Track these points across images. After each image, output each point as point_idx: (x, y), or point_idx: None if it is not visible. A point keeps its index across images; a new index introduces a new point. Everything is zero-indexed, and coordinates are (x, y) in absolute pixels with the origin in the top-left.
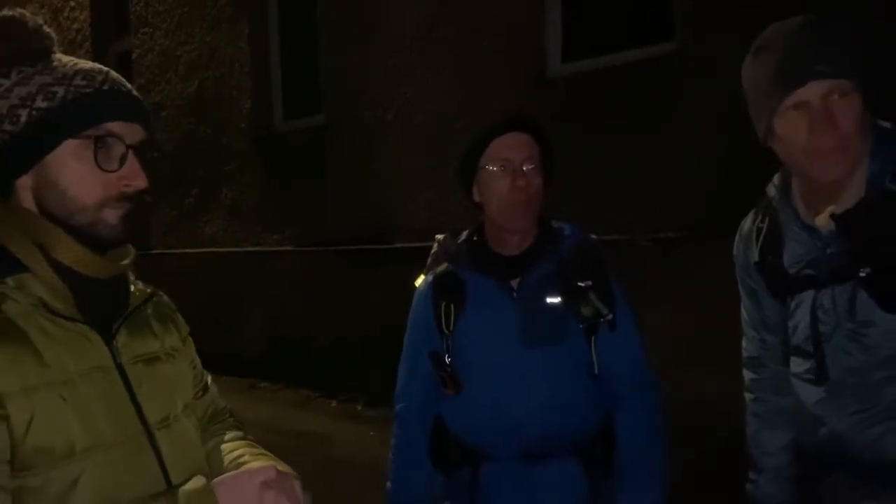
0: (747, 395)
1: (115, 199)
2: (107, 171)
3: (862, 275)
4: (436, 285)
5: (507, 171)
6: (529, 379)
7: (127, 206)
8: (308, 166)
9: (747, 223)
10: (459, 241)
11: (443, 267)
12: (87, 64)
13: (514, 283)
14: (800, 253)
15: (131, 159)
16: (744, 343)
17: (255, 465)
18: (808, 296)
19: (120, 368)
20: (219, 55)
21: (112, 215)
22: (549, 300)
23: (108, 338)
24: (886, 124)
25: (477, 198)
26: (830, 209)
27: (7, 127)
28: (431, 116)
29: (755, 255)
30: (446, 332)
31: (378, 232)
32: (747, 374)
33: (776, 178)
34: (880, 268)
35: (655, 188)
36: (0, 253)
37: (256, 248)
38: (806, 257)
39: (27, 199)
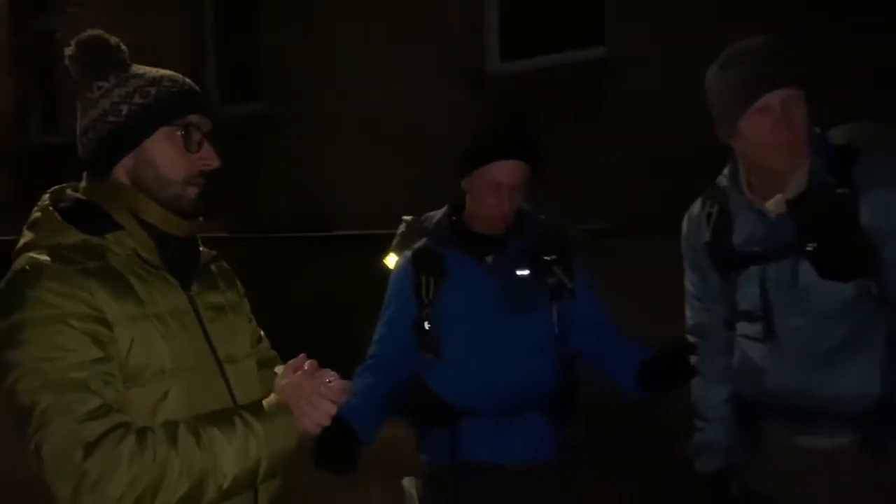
0: (692, 358)
1: (196, 176)
2: (191, 153)
3: (808, 249)
4: (415, 260)
5: (495, 192)
6: (504, 342)
7: (202, 183)
8: (244, 153)
9: (696, 209)
10: (438, 220)
11: (420, 243)
12: (167, 71)
13: (489, 258)
14: (750, 232)
15: (206, 144)
16: (688, 313)
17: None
18: (755, 269)
19: (196, 312)
20: (151, 38)
21: (192, 191)
22: (520, 272)
23: (186, 287)
24: (818, 129)
25: (465, 187)
26: (782, 196)
27: (111, 119)
28: (371, 108)
29: (706, 236)
30: (426, 301)
31: (314, 220)
32: (692, 339)
33: (727, 171)
34: (821, 243)
35: (586, 182)
36: (100, 215)
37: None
38: (756, 236)
39: (122, 176)
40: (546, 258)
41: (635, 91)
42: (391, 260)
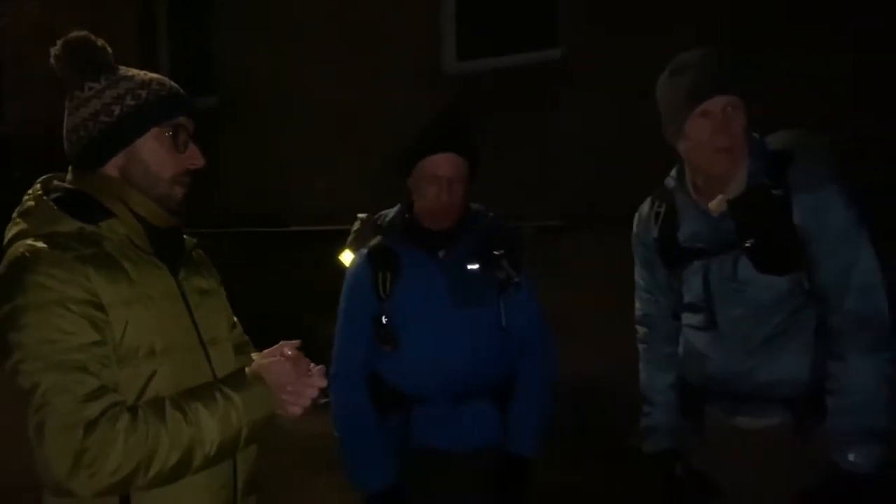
0: (641, 346)
1: (182, 174)
2: (179, 153)
3: (747, 245)
4: (371, 257)
5: (434, 184)
6: (456, 333)
7: (188, 182)
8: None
9: (645, 208)
10: (392, 218)
11: (376, 241)
12: (154, 74)
13: (441, 253)
14: (694, 230)
15: (192, 144)
16: (637, 304)
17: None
18: (699, 264)
19: (183, 296)
20: (102, 31)
21: (179, 189)
22: (470, 266)
23: (174, 272)
24: (756, 135)
25: (410, 186)
26: (724, 196)
27: (103, 118)
28: (328, 105)
29: (654, 233)
30: (383, 296)
31: (270, 215)
32: (641, 329)
33: (674, 172)
34: (759, 240)
35: (539, 180)
36: (93, 205)
37: None
38: (700, 233)
39: (112, 172)
40: (495, 253)
41: (589, 92)
42: (346, 256)
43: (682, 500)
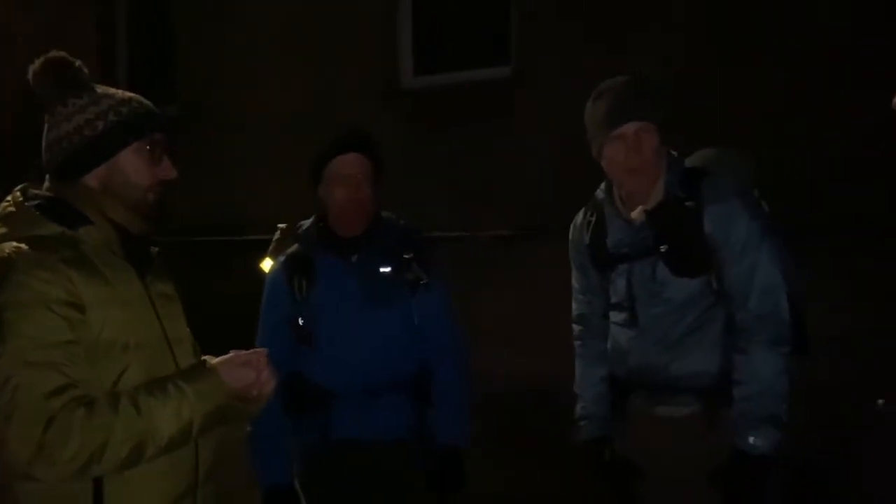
0: (576, 343)
1: (157, 185)
2: (155, 165)
3: (662, 250)
4: (288, 264)
5: (343, 184)
6: (369, 332)
7: (160, 192)
8: None
9: (580, 217)
10: (307, 227)
11: (293, 248)
12: (131, 93)
13: (354, 258)
14: (620, 237)
15: (166, 158)
16: (574, 305)
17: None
18: (624, 267)
19: (150, 298)
20: (62, 36)
21: (152, 197)
22: (382, 269)
23: (142, 276)
24: (674, 153)
25: (321, 194)
26: (642, 207)
27: (87, 132)
28: (286, 116)
29: (587, 240)
30: (299, 299)
31: (227, 224)
32: (576, 328)
33: (603, 185)
34: (672, 246)
35: (493, 191)
36: (73, 212)
37: None
38: (624, 240)
39: (92, 182)
40: (405, 256)
41: (539, 107)
42: (267, 264)
43: (610, 483)
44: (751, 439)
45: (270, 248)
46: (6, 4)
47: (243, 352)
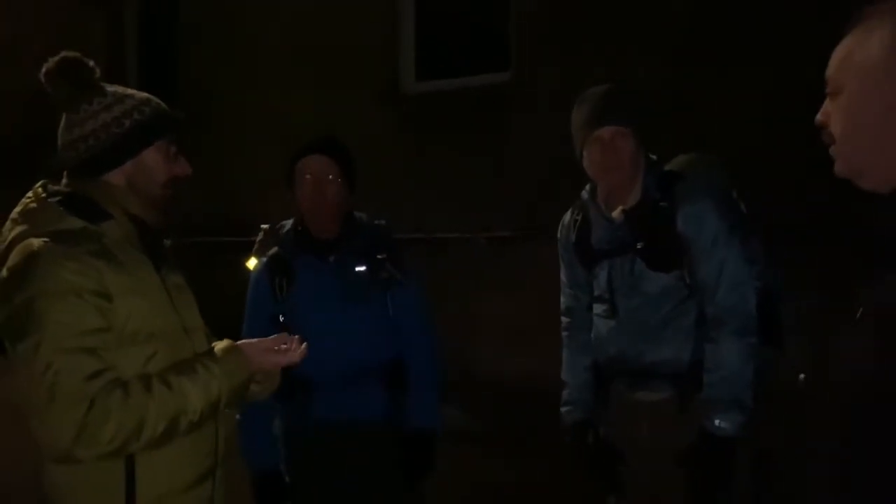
0: (563, 333)
1: (172, 180)
2: (172, 162)
3: (638, 247)
4: (269, 265)
5: (307, 184)
6: (346, 327)
7: (174, 186)
8: None
9: (567, 216)
10: (286, 230)
11: (273, 250)
12: (146, 93)
13: (331, 258)
14: (601, 235)
15: (181, 155)
16: (562, 299)
17: None
18: (605, 263)
19: (166, 289)
20: (72, 48)
21: (167, 192)
22: (357, 269)
23: (157, 268)
24: (654, 156)
25: (295, 195)
26: (622, 207)
27: (114, 130)
28: (290, 119)
29: (573, 237)
30: (280, 298)
31: (228, 225)
32: (564, 319)
33: (588, 187)
34: (647, 243)
35: (490, 194)
36: (94, 207)
37: None
38: (605, 237)
39: (116, 178)
40: (379, 256)
41: (537, 111)
42: (251, 263)
43: (593, 464)
44: (717, 422)
45: (255, 247)
46: (16, 15)
47: (269, 338)
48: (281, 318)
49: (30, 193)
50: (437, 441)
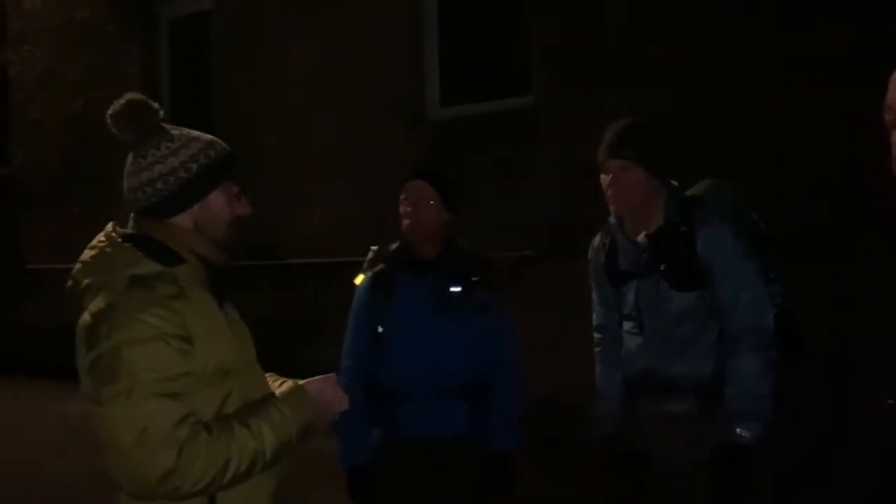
0: (596, 349)
1: (236, 220)
2: (235, 202)
3: (662, 269)
4: (373, 280)
5: (404, 204)
6: (436, 343)
7: (238, 226)
8: None
9: (597, 240)
10: (393, 249)
11: (379, 267)
12: (209, 135)
13: (429, 278)
14: (628, 257)
15: (242, 195)
16: (594, 316)
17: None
18: (633, 283)
19: (229, 325)
20: (106, 77)
21: (232, 232)
22: (452, 289)
23: (221, 306)
24: (675, 183)
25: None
26: (645, 232)
27: (182, 174)
28: (321, 145)
29: (602, 259)
30: (380, 311)
31: (260, 249)
32: (596, 336)
33: (614, 213)
34: (669, 265)
35: (514, 216)
36: (167, 250)
37: None
38: (631, 260)
39: (183, 220)
40: (473, 279)
41: (559, 135)
42: (360, 279)
43: (621, 473)
44: (738, 430)
45: (364, 265)
46: (50, 45)
47: (318, 378)
48: (379, 330)
49: (101, 237)
50: (515, 463)
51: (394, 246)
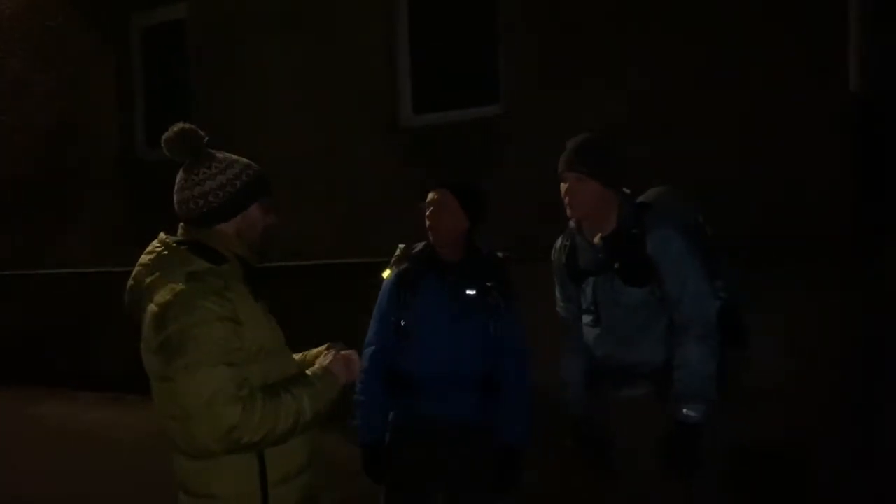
0: (561, 341)
1: (266, 229)
2: (266, 214)
3: (616, 267)
4: (398, 278)
5: (426, 208)
6: (451, 339)
7: (267, 234)
8: (170, 193)
9: (559, 242)
10: (418, 249)
11: (404, 266)
12: (245, 158)
13: (449, 279)
14: (586, 257)
15: (272, 209)
16: (559, 311)
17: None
18: (590, 280)
19: (264, 314)
20: (79, 87)
21: (264, 238)
22: (468, 292)
23: (255, 298)
24: (627, 191)
25: None
26: (600, 234)
27: (229, 189)
28: (298, 153)
29: (563, 260)
30: (403, 306)
31: None
32: (562, 328)
33: (571, 218)
34: (622, 264)
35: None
36: (214, 251)
37: (118, 269)
38: (589, 260)
39: (227, 228)
40: (488, 284)
41: (526, 142)
42: (387, 274)
43: (587, 452)
44: (685, 411)
45: (391, 262)
46: (25, 52)
47: (340, 353)
48: (402, 323)
49: (156, 243)
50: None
51: (420, 246)
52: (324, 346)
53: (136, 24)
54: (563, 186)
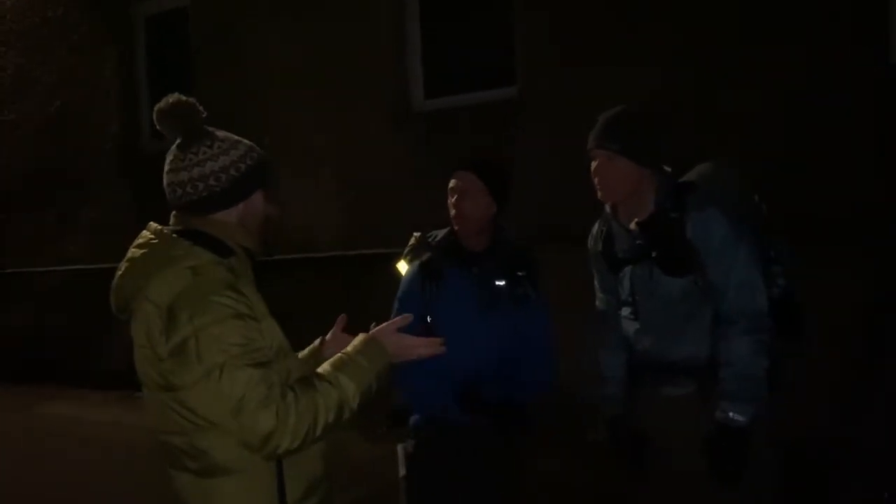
0: (600, 335)
1: (268, 219)
2: (269, 202)
3: (653, 255)
4: (421, 269)
5: (451, 194)
6: (480, 332)
7: (268, 225)
8: None
9: (595, 228)
10: (440, 238)
11: (426, 257)
12: (247, 140)
13: (475, 270)
14: (623, 244)
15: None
16: (597, 302)
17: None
18: (628, 269)
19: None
20: (82, 79)
21: (267, 228)
22: (497, 282)
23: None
24: (668, 169)
25: None
26: (637, 219)
27: (233, 172)
28: (308, 140)
29: (600, 247)
30: (428, 300)
31: None
32: (599, 320)
33: (601, 200)
34: (661, 251)
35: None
36: (218, 242)
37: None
38: (626, 246)
39: (227, 216)
40: (518, 273)
41: (543, 125)
42: (402, 266)
43: (624, 453)
44: (731, 414)
45: (405, 252)
46: (25, 47)
47: (391, 321)
48: (428, 319)
49: (148, 233)
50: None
51: (440, 234)
52: (316, 342)
53: (137, 14)
54: (593, 165)
